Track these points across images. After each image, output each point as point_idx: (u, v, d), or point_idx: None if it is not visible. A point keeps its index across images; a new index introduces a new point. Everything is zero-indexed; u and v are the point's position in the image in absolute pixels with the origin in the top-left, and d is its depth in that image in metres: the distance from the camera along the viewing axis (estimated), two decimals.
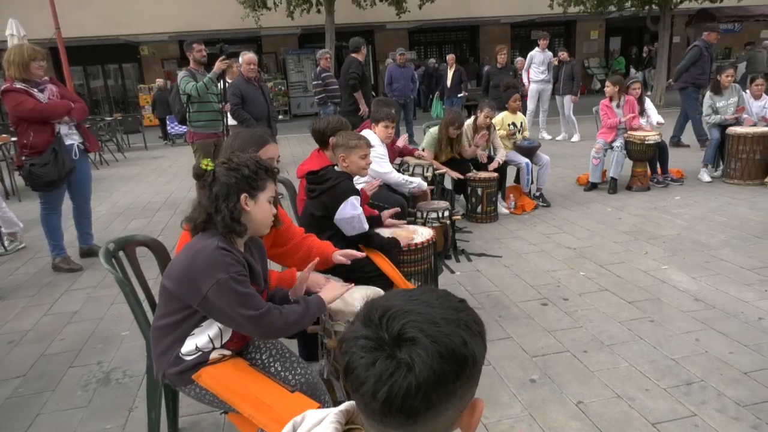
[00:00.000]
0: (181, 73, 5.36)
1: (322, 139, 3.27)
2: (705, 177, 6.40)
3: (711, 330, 3.02)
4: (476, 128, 5.48)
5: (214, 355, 1.81)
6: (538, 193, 5.79)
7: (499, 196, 5.51)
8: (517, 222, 5.25)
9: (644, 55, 18.48)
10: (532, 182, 5.79)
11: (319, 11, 13.15)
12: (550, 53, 9.80)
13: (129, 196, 7.28)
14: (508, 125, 5.83)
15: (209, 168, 1.78)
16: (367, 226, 2.85)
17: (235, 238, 1.79)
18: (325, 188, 2.78)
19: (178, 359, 1.78)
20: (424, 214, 4.14)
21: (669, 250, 4.26)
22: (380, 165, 4.11)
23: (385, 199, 3.90)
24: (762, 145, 6.03)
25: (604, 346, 2.90)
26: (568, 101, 9.74)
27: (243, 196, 1.76)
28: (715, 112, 6.44)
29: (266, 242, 2.15)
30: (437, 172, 4.96)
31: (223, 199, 1.74)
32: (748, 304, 3.29)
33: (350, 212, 2.75)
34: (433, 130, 5.29)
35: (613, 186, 6.07)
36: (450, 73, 10.84)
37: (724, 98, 6.43)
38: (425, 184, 4.28)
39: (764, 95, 6.51)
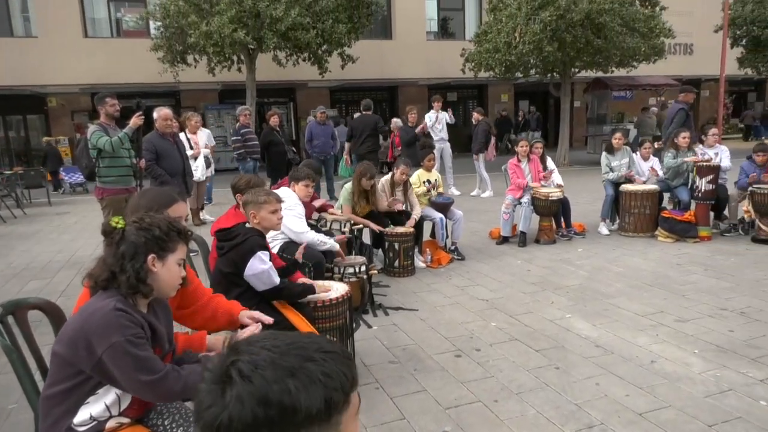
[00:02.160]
0: (92, 128, 5.19)
1: (235, 194, 3.27)
2: (603, 230, 6.91)
3: (610, 374, 3.21)
4: (393, 184, 5.67)
5: (110, 424, 1.71)
6: (453, 247, 6.00)
7: (416, 250, 5.65)
8: (434, 275, 5.39)
9: (519, 119, 19.94)
10: (447, 236, 6.00)
11: (240, 70, 13.27)
12: (445, 113, 10.39)
13: (27, 256, 6.79)
14: (424, 182, 6.08)
15: (120, 225, 1.74)
16: (277, 280, 2.84)
17: (139, 299, 1.74)
18: (233, 245, 2.77)
19: (69, 431, 1.67)
20: (341, 270, 4.17)
21: (572, 300, 4.53)
22: (296, 224, 4.12)
23: (305, 255, 3.90)
24: (651, 200, 6.64)
25: (513, 395, 3.00)
26: (480, 159, 10.31)
27: (151, 257, 1.73)
28: (611, 170, 7.04)
29: (172, 303, 2.09)
30: (355, 226, 5.05)
31: (130, 259, 1.70)
32: (642, 349, 3.54)
33: (259, 267, 2.74)
34: (348, 186, 5.43)
35: (522, 239, 6.41)
36: None
37: (617, 158, 7.05)
38: (338, 245, 4.28)
39: (652, 156, 7.21)
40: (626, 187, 6.75)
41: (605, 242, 6.50)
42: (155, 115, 5.93)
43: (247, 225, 2.91)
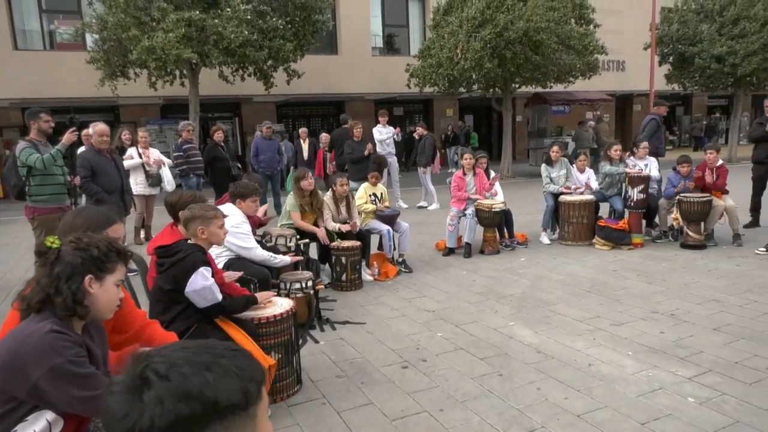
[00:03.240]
0: (21, 144, 4.96)
1: (174, 212, 3.20)
2: (545, 240, 7.15)
3: (550, 379, 3.31)
4: (337, 199, 5.69)
5: None
6: (400, 260, 6.06)
7: (363, 263, 5.67)
8: (381, 288, 5.42)
9: (449, 133, 20.40)
10: (394, 249, 6.06)
11: (183, 84, 13.00)
12: (391, 128, 10.58)
13: None
14: (370, 195, 6.12)
15: (55, 245, 1.68)
16: (220, 296, 2.79)
17: (74, 321, 1.69)
18: (175, 260, 2.71)
19: None
20: (288, 285, 4.14)
21: (515, 308, 4.65)
22: (245, 241, 4.08)
23: (247, 270, 3.86)
24: (588, 210, 6.93)
25: (458, 403, 3.05)
26: (424, 172, 10.49)
27: (88, 277, 1.68)
28: (551, 181, 7.31)
29: (107, 325, 2.03)
30: (301, 241, 5.03)
31: (66, 280, 1.65)
32: (580, 353, 3.68)
33: (201, 283, 2.69)
34: (292, 193, 5.44)
35: (467, 251, 6.54)
36: (305, 146, 11.14)
37: (556, 170, 7.33)
38: (288, 259, 4.29)
39: (587, 168, 7.54)
40: (565, 197, 7.03)
41: (546, 251, 6.72)
42: (90, 130, 5.73)
43: (189, 242, 2.85)
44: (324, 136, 10.28)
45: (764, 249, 6.12)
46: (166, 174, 7.68)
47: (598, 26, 15.31)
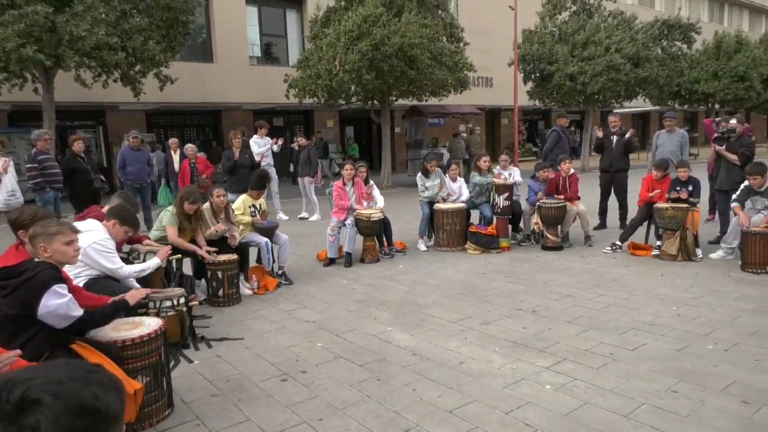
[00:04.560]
0: None
1: (16, 231, 2.90)
2: (422, 247, 7.45)
3: (425, 379, 3.46)
4: (215, 211, 5.50)
5: None
6: (280, 272, 5.98)
7: (242, 277, 5.52)
8: (261, 302, 5.31)
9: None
10: (273, 261, 5.97)
11: (36, 90, 11.80)
12: (269, 138, 10.50)
13: None
14: (249, 207, 5.99)
15: None
16: (79, 312, 2.57)
17: None
18: (21, 281, 2.46)
19: None
20: (157, 304, 3.91)
21: (394, 313, 4.79)
22: (109, 260, 3.78)
23: (109, 291, 3.58)
24: (460, 217, 7.33)
25: (337, 411, 3.08)
26: (307, 183, 10.48)
27: None
28: (426, 189, 7.63)
29: None
30: (173, 257, 4.78)
31: None
32: (452, 352, 3.88)
33: (55, 302, 2.47)
34: (172, 208, 5.16)
35: (348, 260, 6.62)
36: (176, 157, 10.66)
37: (431, 180, 7.67)
38: (157, 260, 4.08)
39: (459, 178, 7.98)
40: (439, 206, 7.38)
41: (423, 257, 7.00)
42: None
43: (36, 260, 2.60)
44: (189, 147, 9.83)
45: (609, 248, 6.88)
46: (7, 183, 6.95)
47: (467, 44, 16.32)
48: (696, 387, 3.20)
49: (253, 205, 6.03)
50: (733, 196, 6.21)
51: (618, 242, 6.91)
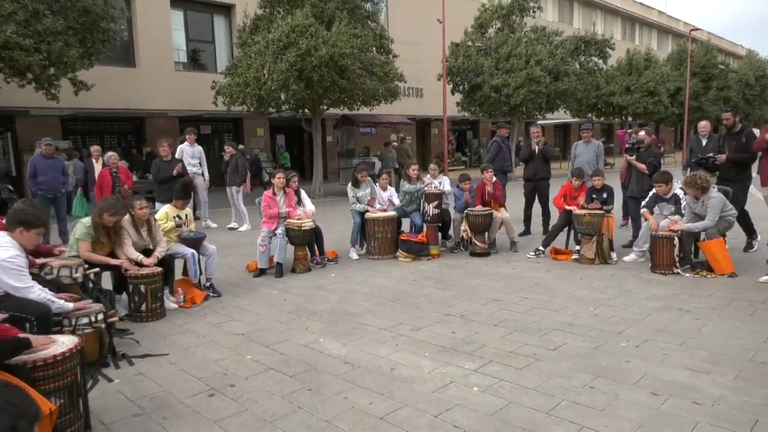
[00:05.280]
0: None
1: None
2: (353, 255, 7.47)
3: (357, 387, 3.47)
4: (136, 224, 5.27)
5: None
6: (208, 284, 5.81)
7: (166, 290, 5.32)
8: (187, 316, 5.13)
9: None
10: (200, 273, 5.79)
11: None
12: (199, 147, 10.41)
13: None
14: (174, 217, 5.78)
15: None
16: None
17: None
18: None
19: None
20: (73, 321, 3.70)
21: (325, 323, 4.77)
22: (18, 279, 3.43)
23: (22, 306, 3.34)
24: (391, 226, 7.42)
25: (268, 423, 3.03)
26: (235, 192, 10.27)
27: None
28: (357, 200, 7.66)
29: None
30: (90, 270, 4.54)
31: None
32: (383, 359, 3.91)
33: None
34: (86, 220, 4.89)
35: (279, 270, 6.53)
36: (97, 166, 10.18)
37: (362, 190, 7.71)
38: (70, 305, 3.74)
39: (389, 187, 8.07)
40: (370, 214, 7.43)
41: (355, 266, 7.02)
42: None
43: None
44: (111, 155, 9.39)
45: (533, 253, 7.18)
46: None
47: (397, 56, 16.58)
48: (611, 382, 3.40)
49: (178, 216, 5.84)
50: (643, 203, 6.67)
51: (541, 247, 7.23)
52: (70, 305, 3.69)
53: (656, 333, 4.24)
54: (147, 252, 5.26)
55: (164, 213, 5.77)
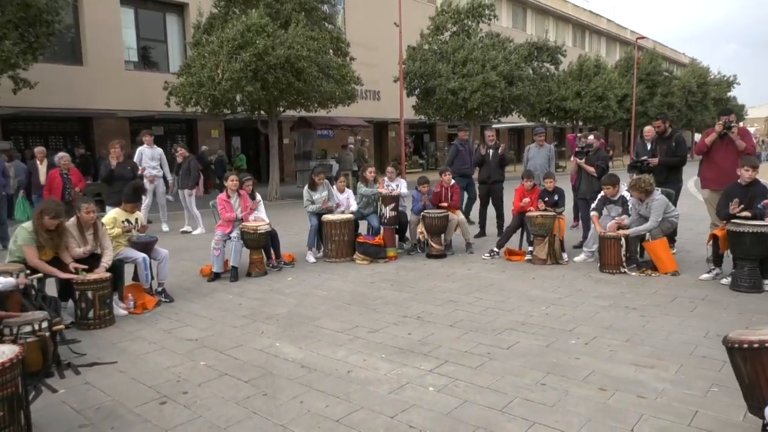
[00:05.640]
0: None
1: None
2: (310, 258, 7.42)
3: (313, 390, 3.45)
4: (82, 227, 5.08)
5: None
6: (160, 289, 5.66)
7: (116, 296, 5.15)
8: (137, 322, 4.99)
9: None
10: (152, 278, 5.64)
11: None
12: (159, 149, 10.23)
13: None
14: (123, 222, 5.60)
15: None
16: None
17: None
18: None
19: None
20: (14, 330, 3.54)
21: (281, 327, 4.73)
22: None
23: None
24: (348, 228, 7.41)
25: (221, 430, 2.98)
26: (187, 195, 10.05)
27: None
28: (313, 203, 7.61)
29: None
30: (34, 275, 4.36)
31: None
32: (340, 362, 3.90)
33: None
34: (28, 224, 4.69)
35: (234, 274, 6.42)
36: (42, 168, 9.79)
37: (318, 192, 7.66)
38: (12, 280, 3.66)
39: (347, 189, 8.06)
40: (327, 217, 7.40)
41: (312, 269, 6.98)
42: None
43: None
44: (63, 156, 9.04)
45: (488, 255, 7.32)
46: None
47: (354, 59, 16.59)
48: (561, 378, 3.50)
49: (128, 219, 5.66)
50: (592, 205, 6.90)
51: (495, 249, 7.37)
52: (12, 280, 3.60)
53: (604, 330, 4.39)
54: (94, 257, 5.09)
55: (112, 218, 5.58)
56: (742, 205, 5.49)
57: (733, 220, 5.44)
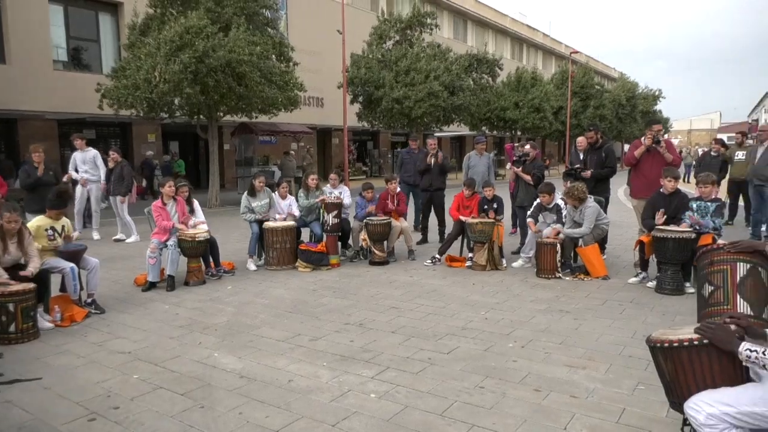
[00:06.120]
0: None
1: None
2: (251, 266, 7.28)
3: (253, 401, 3.38)
4: (4, 236, 4.78)
5: None
6: (89, 300, 5.39)
7: (40, 308, 4.86)
8: (65, 335, 4.72)
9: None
10: (81, 288, 5.36)
11: None
12: (94, 151, 9.84)
13: None
14: (46, 230, 5.30)
15: None
16: None
17: None
18: None
19: None
20: None
21: (220, 337, 4.61)
22: None
23: None
24: (290, 236, 7.32)
25: None
26: (119, 202, 9.64)
27: None
28: (251, 211, 7.47)
29: None
30: None
31: None
32: (281, 371, 3.85)
33: None
34: None
35: (170, 283, 6.21)
36: None
37: (258, 199, 7.54)
38: None
39: (289, 195, 7.97)
40: (268, 224, 7.29)
41: (253, 277, 6.85)
42: None
43: None
44: None
45: (430, 261, 7.42)
46: None
47: (297, 64, 16.47)
48: (499, 381, 3.59)
49: (53, 227, 5.36)
50: (528, 212, 7.13)
51: (437, 255, 7.48)
52: None
53: (540, 333, 4.54)
54: (18, 267, 4.80)
55: (35, 226, 5.26)
56: (666, 216, 5.84)
57: (657, 227, 5.77)
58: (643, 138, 6.75)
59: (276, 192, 7.86)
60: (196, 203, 7.04)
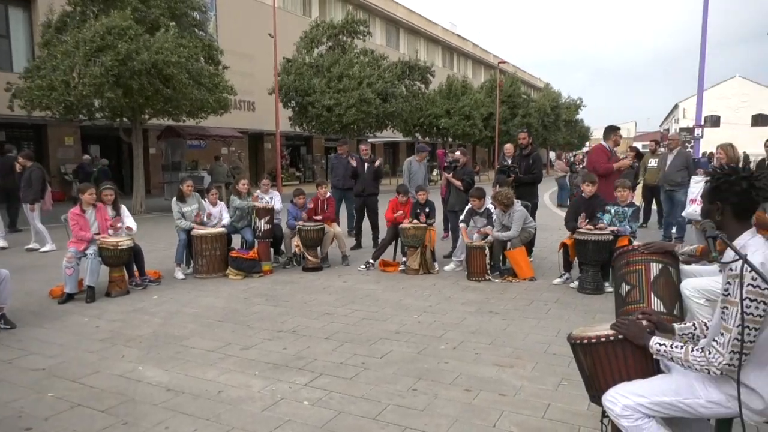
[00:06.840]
0: None
1: None
2: (179, 275, 7.02)
3: (180, 414, 3.25)
4: None
5: None
6: None
7: None
8: None
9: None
10: None
11: None
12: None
13: None
14: None
15: None
16: None
17: None
18: None
19: None
20: None
21: (145, 349, 4.41)
22: None
23: None
24: (220, 242, 7.12)
25: None
26: (29, 210, 9.03)
27: None
28: (183, 215, 7.21)
29: None
30: None
31: None
32: (210, 382, 3.73)
33: None
34: None
35: (90, 294, 5.87)
36: None
37: (188, 204, 7.29)
38: None
39: (219, 202, 7.74)
40: (197, 231, 7.06)
41: (181, 286, 6.60)
42: None
43: None
44: None
45: (364, 266, 7.44)
46: None
47: (227, 68, 16.09)
48: (431, 383, 3.65)
49: None
50: (461, 218, 7.31)
51: (371, 260, 7.51)
52: None
53: (470, 335, 4.66)
54: None
55: None
56: (587, 219, 6.16)
57: (578, 230, 6.07)
58: (625, 156, 7.17)
59: (206, 199, 7.63)
60: (123, 208, 6.70)
